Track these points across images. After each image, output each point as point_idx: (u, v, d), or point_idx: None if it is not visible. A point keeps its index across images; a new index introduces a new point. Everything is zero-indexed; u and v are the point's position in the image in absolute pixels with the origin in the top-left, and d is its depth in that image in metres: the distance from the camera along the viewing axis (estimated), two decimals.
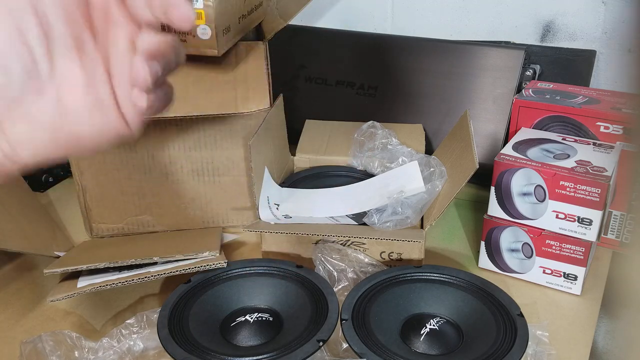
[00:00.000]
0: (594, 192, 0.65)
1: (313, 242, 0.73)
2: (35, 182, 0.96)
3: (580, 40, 0.91)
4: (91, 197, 0.81)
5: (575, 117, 0.76)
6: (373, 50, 1.00)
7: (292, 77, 1.06)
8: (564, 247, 0.68)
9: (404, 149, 0.85)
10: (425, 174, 0.79)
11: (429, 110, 0.96)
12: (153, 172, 0.81)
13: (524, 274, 0.72)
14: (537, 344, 0.58)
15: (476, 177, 0.68)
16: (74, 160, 0.79)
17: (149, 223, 0.83)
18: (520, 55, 0.89)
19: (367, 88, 1.01)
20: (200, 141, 0.80)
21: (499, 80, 0.90)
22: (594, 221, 0.66)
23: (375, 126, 0.89)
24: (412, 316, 0.61)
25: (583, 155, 0.70)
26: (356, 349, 0.53)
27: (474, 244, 0.80)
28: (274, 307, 0.63)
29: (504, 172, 0.69)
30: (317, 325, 0.56)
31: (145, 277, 0.64)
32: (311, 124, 0.99)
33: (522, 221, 0.70)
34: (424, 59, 0.96)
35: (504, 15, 0.96)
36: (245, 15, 0.74)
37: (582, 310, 0.68)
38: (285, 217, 0.77)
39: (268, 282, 0.64)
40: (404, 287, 0.63)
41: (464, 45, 0.94)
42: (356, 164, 0.89)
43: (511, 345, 0.53)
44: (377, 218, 0.74)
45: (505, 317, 0.57)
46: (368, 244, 0.72)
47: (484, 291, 0.61)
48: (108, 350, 0.58)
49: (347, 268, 0.68)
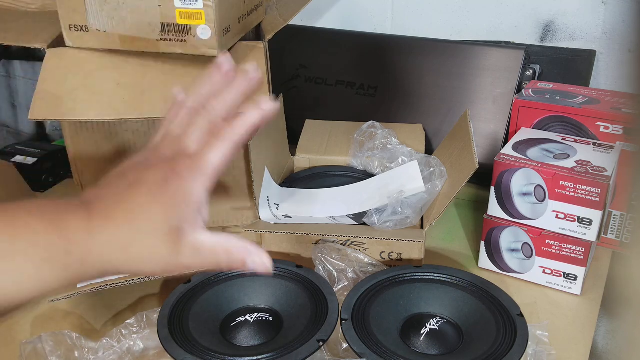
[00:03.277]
0: (594, 192, 0.65)
1: (313, 242, 0.73)
2: (35, 182, 0.96)
3: (580, 40, 0.91)
4: None
5: (575, 117, 0.76)
6: (373, 50, 1.00)
7: (292, 77, 1.06)
8: (564, 247, 0.68)
9: (404, 148, 0.85)
10: (425, 174, 0.79)
11: (429, 110, 0.96)
12: None
13: (524, 274, 0.72)
14: (537, 344, 0.58)
15: (476, 177, 0.68)
16: (74, 160, 0.79)
17: None
18: (520, 55, 0.89)
19: (367, 88, 1.01)
20: None
21: (499, 80, 0.90)
22: (594, 221, 0.66)
23: (375, 126, 0.89)
24: (412, 316, 0.61)
25: (583, 155, 0.70)
26: (356, 349, 0.53)
27: (474, 244, 0.80)
28: (274, 307, 0.63)
29: (504, 172, 0.69)
30: (317, 325, 0.56)
31: (145, 277, 0.64)
32: (311, 124, 0.99)
33: (522, 221, 0.70)
34: (424, 59, 0.96)
35: (504, 15, 0.96)
36: (245, 15, 0.74)
37: (582, 310, 0.68)
38: (285, 217, 0.77)
39: (268, 282, 0.64)
40: (404, 287, 0.63)
41: (464, 45, 0.94)
42: (356, 164, 0.89)
43: (511, 345, 0.53)
44: (377, 218, 0.74)
45: (505, 317, 0.57)
46: (368, 244, 0.72)
47: (484, 291, 0.61)
48: (108, 350, 0.58)
49: (347, 268, 0.68)
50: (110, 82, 0.68)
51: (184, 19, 0.65)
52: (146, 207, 0.39)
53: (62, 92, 0.66)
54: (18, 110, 1.53)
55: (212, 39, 0.66)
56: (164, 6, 0.65)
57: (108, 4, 0.65)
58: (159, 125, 0.46)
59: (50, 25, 0.73)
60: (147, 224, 0.39)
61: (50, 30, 0.72)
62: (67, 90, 0.67)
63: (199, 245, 0.40)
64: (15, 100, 1.52)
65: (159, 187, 0.40)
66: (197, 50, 0.67)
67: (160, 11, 0.65)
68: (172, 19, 0.65)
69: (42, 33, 0.72)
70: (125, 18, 0.66)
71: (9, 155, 0.98)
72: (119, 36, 0.67)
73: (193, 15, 0.64)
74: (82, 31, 0.68)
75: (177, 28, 0.66)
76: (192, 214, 0.40)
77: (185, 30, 0.66)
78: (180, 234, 0.39)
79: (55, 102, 0.66)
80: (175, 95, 0.46)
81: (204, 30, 0.65)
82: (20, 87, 1.49)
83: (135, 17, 0.66)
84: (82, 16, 0.67)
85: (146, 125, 0.78)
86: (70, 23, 0.67)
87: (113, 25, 0.67)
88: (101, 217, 0.39)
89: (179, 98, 0.46)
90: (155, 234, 0.39)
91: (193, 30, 0.65)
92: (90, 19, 0.67)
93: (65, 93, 0.66)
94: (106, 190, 0.41)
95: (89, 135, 0.78)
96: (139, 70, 0.68)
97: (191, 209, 0.40)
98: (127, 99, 0.67)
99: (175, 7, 0.64)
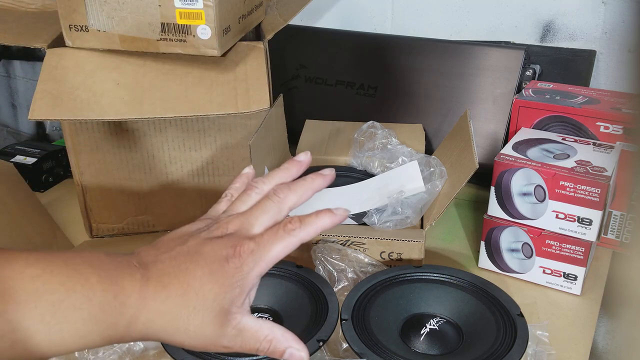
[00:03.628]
0: (594, 192, 0.65)
1: (313, 242, 0.73)
2: (35, 182, 0.96)
3: (580, 40, 0.91)
4: (91, 197, 0.81)
5: (575, 117, 0.76)
6: (373, 50, 1.00)
7: (292, 77, 1.06)
8: (564, 247, 0.68)
9: (404, 148, 0.85)
10: (425, 174, 0.79)
11: (429, 110, 0.96)
12: (153, 172, 0.81)
13: (523, 274, 0.72)
14: (537, 344, 0.58)
15: (476, 177, 0.68)
16: (74, 160, 0.79)
17: (149, 223, 0.83)
18: (520, 55, 0.89)
19: (367, 88, 1.01)
20: (200, 141, 0.80)
21: (499, 80, 0.90)
22: (594, 221, 0.66)
23: (375, 126, 0.89)
24: (412, 316, 0.61)
25: (583, 155, 0.70)
26: (356, 349, 0.53)
27: (474, 244, 0.80)
28: (274, 307, 0.63)
29: (504, 172, 0.69)
30: (317, 325, 0.56)
31: None
32: (311, 124, 0.99)
33: (522, 221, 0.70)
34: (424, 59, 0.96)
35: (504, 15, 0.96)
36: (245, 15, 0.74)
37: (582, 310, 0.68)
38: None
39: (268, 282, 0.64)
40: (404, 287, 0.63)
41: (464, 45, 0.94)
42: (356, 164, 0.89)
43: (511, 345, 0.53)
44: (377, 218, 0.74)
45: (505, 317, 0.57)
46: (368, 244, 0.72)
47: (484, 291, 0.61)
48: (108, 350, 0.58)
49: (347, 268, 0.68)
50: (110, 82, 0.68)
51: (184, 19, 0.65)
52: (202, 283, 0.39)
53: (62, 92, 0.66)
54: (18, 110, 1.53)
55: (212, 39, 0.66)
56: (164, 6, 0.65)
57: (108, 4, 0.66)
58: (224, 192, 0.46)
59: (50, 25, 0.73)
60: (199, 301, 0.39)
61: (50, 30, 0.72)
62: (67, 90, 0.67)
63: (243, 329, 0.40)
64: (15, 100, 1.52)
65: (219, 265, 0.39)
66: (197, 50, 0.67)
67: (160, 11, 0.65)
68: (172, 19, 0.65)
69: (42, 33, 0.72)
70: (125, 18, 0.66)
71: (9, 155, 0.98)
72: (119, 36, 0.67)
73: (193, 15, 0.65)
74: (82, 31, 0.68)
75: (177, 28, 0.66)
76: (242, 298, 0.40)
77: (185, 30, 0.66)
78: (228, 315, 0.39)
79: (55, 102, 0.66)
80: (245, 170, 0.48)
81: (204, 31, 0.65)
82: (20, 87, 1.49)
83: (135, 17, 0.66)
84: (82, 16, 0.67)
85: (146, 125, 0.78)
86: (70, 23, 0.67)
87: (113, 25, 0.67)
88: (156, 283, 0.39)
89: (249, 174, 0.47)
90: (205, 312, 0.39)
91: (193, 30, 0.65)
92: (90, 19, 0.67)
93: (65, 93, 0.66)
94: (164, 253, 0.41)
95: (89, 135, 0.78)
96: (139, 70, 0.68)
97: (244, 293, 0.40)
98: (127, 99, 0.67)
99: (175, 7, 0.64)
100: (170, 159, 0.80)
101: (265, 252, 0.40)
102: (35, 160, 0.97)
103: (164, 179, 0.81)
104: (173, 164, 0.80)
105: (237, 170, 0.81)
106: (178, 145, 0.79)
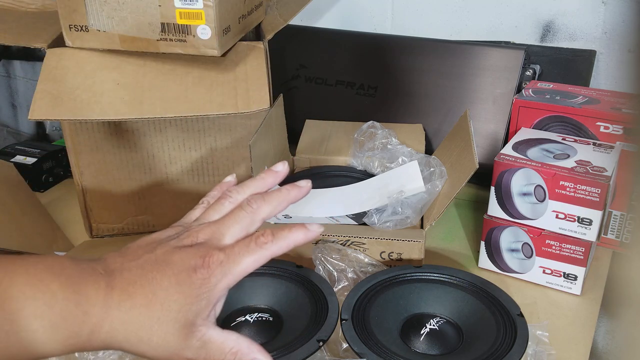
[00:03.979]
0: (594, 192, 0.65)
1: (313, 242, 0.73)
2: (35, 182, 0.96)
3: (580, 40, 0.91)
4: (91, 197, 0.81)
5: (575, 117, 0.76)
6: (373, 50, 1.00)
7: (292, 77, 1.06)
8: (564, 247, 0.68)
9: (404, 148, 0.85)
10: (425, 174, 0.79)
11: (429, 110, 0.96)
12: (153, 172, 0.81)
13: (523, 274, 0.72)
14: (537, 344, 0.58)
15: (476, 177, 0.68)
16: (74, 160, 0.79)
17: (149, 223, 0.83)
18: (520, 55, 0.89)
19: (367, 88, 1.01)
20: (200, 141, 0.80)
21: (499, 80, 0.90)
22: (594, 221, 0.66)
23: (375, 126, 0.89)
24: (412, 316, 0.61)
25: (583, 155, 0.70)
26: (356, 349, 0.53)
27: (474, 244, 0.80)
28: (274, 307, 0.63)
29: (504, 172, 0.69)
30: (317, 325, 0.56)
31: None
32: (311, 124, 0.99)
33: (522, 221, 0.70)
34: (424, 59, 0.96)
35: (504, 15, 0.96)
36: (245, 15, 0.74)
37: (582, 310, 0.68)
38: (285, 217, 0.77)
39: (268, 282, 0.64)
40: (403, 287, 0.63)
41: (464, 45, 0.94)
42: (356, 164, 0.89)
43: (511, 345, 0.53)
44: (377, 218, 0.74)
45: (505, 317, 0.57)
46: (368, 243, 0.72)
47: (484, 291, 0.61)
48: (108, 349, 0.58)
49: (347, 268, 0.68)
50: (110, 82, 0.68)
51: (184, 19, 0.65)
52: (168, 294, 0.38)
53: (62, 92, 0.66)
54: (18, 110, 1.53)
55: (212, 39, 0.66)
56: (164, 6, 0.65)
57: (108, 4, 0.66)
58: (200, 199, 0.45)
59: (50, 25, 0.73)
60: (164, 312, 0.38)
61: (50, 30, 0.72)
62: (67, 90, 0.67)
63: (208, 341, 0.40)
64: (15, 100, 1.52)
65: (186, 275, 0.39)
66: (197, 50, 0.67)
67: (160, 11, 0.65)
68: (172, 19, 0.65)
69: (42, 33, 0.72)
70: (125, 18, 0.66)
71: (9, 155, 0.98)
72: (119, 36, 0.67)
73: (193, 15, 0.65)
74: (82, 31, 0.68)
75: (177, 28, 0.66)
76: (208, 310, 0.40)
77: (185, 30, 0.66)
78: (193, 327, 0.39)
79: (55, 102, 0.66)
80: (227, 179, 0.47)
81: (204, 30, 0.65)
82: (20, 87, 1.49)
83: (135, 17, 0.66)
84: (82, 16, 0.67)
85: (146, 125, 0.78)
86: (70, 23, 0.67)
87: (113, 25, 0.67)
88: (121, 292, 0.38)
89: (229, 182, 0.46)
90: (169, 324, 0.38)
91: (193, 30, 0.65)
92: (90, 19, 0.67)
93: (65, 93, 0.66)
94: (132, 261, 0.40)
95: (89, 135, 0.78)
96: (139, 70, 0.68)
97: (210, 304, 0.39)
98: (127, 99, 0.67)
99: (175, 7, 0.64)
100: (170, 159, 0.80)
101: (234, 265, 0.40)
102: (35, 160, 0.97)
103: (164, 179, 0.81)
104: (173, 164, 0.80)
105: (237, 170, 0.81)
106: (178, 145, 0.79)
